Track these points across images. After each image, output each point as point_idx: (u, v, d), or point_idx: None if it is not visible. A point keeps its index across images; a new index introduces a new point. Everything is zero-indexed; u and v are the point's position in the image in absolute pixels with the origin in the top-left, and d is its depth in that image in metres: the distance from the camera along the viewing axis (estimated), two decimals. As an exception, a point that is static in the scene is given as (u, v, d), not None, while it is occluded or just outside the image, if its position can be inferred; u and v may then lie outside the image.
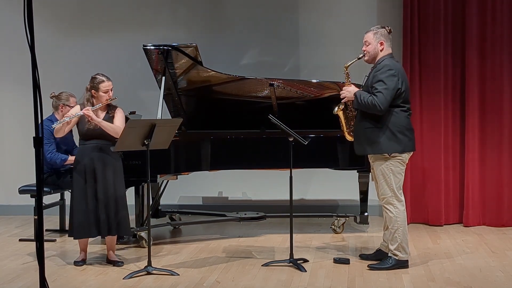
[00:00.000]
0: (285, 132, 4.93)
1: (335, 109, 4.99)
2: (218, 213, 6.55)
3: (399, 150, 4.74)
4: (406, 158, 4.81)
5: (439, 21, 6.48)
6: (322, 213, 6.69)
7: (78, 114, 4.92)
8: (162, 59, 5.69)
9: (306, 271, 4.78)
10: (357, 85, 4.96)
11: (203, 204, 7.36)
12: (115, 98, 5.03)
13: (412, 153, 4.87)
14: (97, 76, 5.02)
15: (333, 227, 6.24)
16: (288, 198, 4.98)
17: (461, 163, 6.58)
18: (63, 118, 5.11)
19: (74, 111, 5.03)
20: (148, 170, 4.77)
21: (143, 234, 5.58)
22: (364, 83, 4.91)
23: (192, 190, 7.29)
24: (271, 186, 7.03)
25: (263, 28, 7.11)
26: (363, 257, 5.15)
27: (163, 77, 5.78)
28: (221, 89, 6.14)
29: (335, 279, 4.59)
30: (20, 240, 6.01)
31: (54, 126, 4.92)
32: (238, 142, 5.90)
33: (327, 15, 7.03)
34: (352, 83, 4.94)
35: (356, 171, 6.04)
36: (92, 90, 4.99)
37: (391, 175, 4.76)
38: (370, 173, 5.17)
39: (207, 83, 6.07)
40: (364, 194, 6.08)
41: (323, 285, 4.45)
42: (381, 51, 4.81)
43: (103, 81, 4.98)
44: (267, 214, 6.33)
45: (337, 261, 5.03)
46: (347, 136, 5.05)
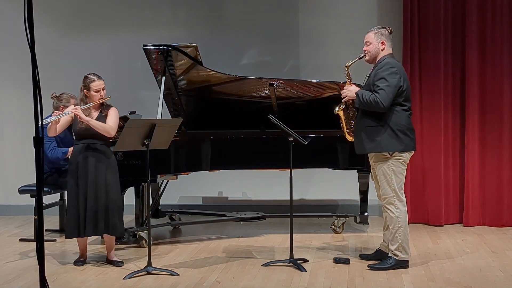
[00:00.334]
0: (285, 132, 4.92)
1: (336, 108, 4.99)
2: (218, 213, 6.55)
3: (400, 149, 4.74)
4: (407, 157, 4.81)
5: (439, 21, 6.48)
6: (322, 213, 6.69)
7: (66, 113, 4.92)
8: (162, 59, 5.68)
9: (306, 271, 4.77)
10: (357, 85, 4.96)
11: (203, 204, 7.36)
12: (108, 97, 5.01)
13: (413, 153, 4.86)
14: (88, 75, 5.01)
15: (333, 227, 6.24)
16: (288, 198, 4.98)
17: (461, 163, 6.58)
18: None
19: (67, 110, 5.03)
20: (148, 170, 4.77)
21: (143, 234, 5.58)
22: (364, 82, 4.92)
23: (192, 190, 7.28)
24: (271, 186, 7.03)
25: (263, 28, 7.11)
26: (363, 257, 5.14)
27: (163, 77, 5.78)
28: (221, 89, 6.14)
29: (335, 279, 4.59)
30: (20, 240, 6.01)
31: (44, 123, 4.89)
32: (238, 142, 5.90)
33: (327, 15, 7.02)
34: (352, 83, 4.94)
35: (356, 171, 6.04)
36: (84, 90, 4.99)
37: (392, 175, 4.76)
38: (370, 173, 5.17)
39: (207, 83, 6.07)
40: (364, 194, 6.08)
41: (323, 285, 4.45)
42: (382, 51, 4.81)
43: (94, 81, 4.97)
44: (267, 214, 6.33)
45: (337, 261, 5.03)
46: (348, 136, 5.04)
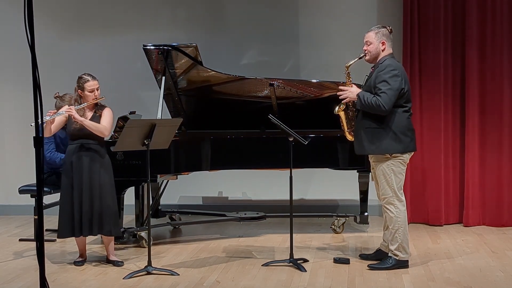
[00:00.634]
0: (285, 132, 4.92)
1: (336, 108, 4.99)
2: (218, 213, 6.55)
3: (400, 151, 4.74)
4: (407, 158, 4.81)
5: (439, 21, 6.47)
6: (322, 213, 6.69)
7: (60, 113, 4.92)
8: (162, 59, 5.68)
9: (306, 271, 4.77)
10: (357, 85, 4.96)
11: (203, 204, 7.36)
12: (103, 97, 5.01)
13: (413, 153, 4.86)
14: (83, 75, 5.01)
15: (333, 227, 6.24)
16: (288, 198, 4.98)
17: (461, 163, 6.58)
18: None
19: (61, 111, 5.02)
20: (148, 170, 4.77)
21: (143, 234, 5.58)
22: (364, 82, 4.91)
23: (192, 190, 7.28)
24: (271, 186, 7.03)
25: (263, 28, 7.10)
26: (363, 257, 5.14)
27: (163, 77, 5.78)
28: (221, 89, 6.14)
29: (335, 279, 4.59)
30: (20, 240, 6.01)
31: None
32: (238, 142, 5.89)
33: (327, 16, 7.02)
34: (352, 83, 4.94)
35: (356, 171, 6.04)
36: (78, 90, 4.99)
37: (392, 175, 4.76)
38: (370, 173, 5.17)
39: (207, 83, 6.07)
40: (364, 194, 6.08)
41: (323, 285, 4.45)
42: (382, 51, 4.80)
43: (88, 81, 4.97)
44: (267, 214, 6.32)
45: (337, 261, 5.03)
46: (348, 136, 5.04)
